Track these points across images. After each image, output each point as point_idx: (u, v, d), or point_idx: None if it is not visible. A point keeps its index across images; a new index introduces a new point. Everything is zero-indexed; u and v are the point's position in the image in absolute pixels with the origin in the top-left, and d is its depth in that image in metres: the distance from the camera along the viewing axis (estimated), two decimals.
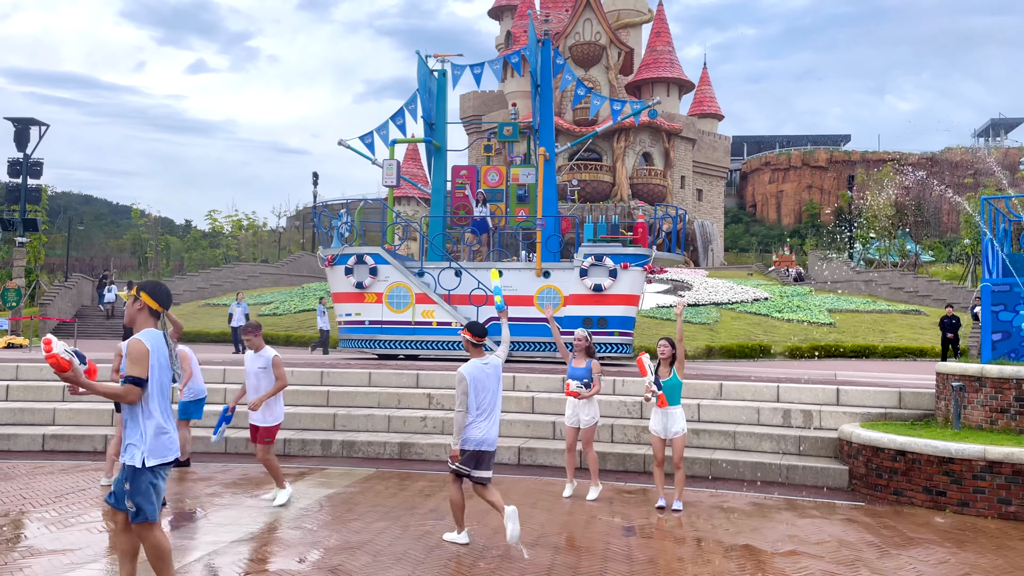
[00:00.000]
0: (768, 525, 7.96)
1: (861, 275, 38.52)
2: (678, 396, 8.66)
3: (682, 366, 8.69)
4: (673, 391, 8.61)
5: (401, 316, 17.81)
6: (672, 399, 8.60)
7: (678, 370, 8.65)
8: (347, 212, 18.50)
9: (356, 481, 9.92)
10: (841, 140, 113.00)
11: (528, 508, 8.52)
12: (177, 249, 62.29)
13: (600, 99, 20.26)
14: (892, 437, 9.39)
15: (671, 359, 8.65)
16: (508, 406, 12.69)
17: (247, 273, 41.31)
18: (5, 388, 13.29)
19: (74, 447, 11.85)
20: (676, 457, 8.55)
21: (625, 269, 17.30)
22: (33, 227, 28.53)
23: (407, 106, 19.76)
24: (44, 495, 8.89)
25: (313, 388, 13.54)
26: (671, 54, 61.21)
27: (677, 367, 8.65)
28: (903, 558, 6.82)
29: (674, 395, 8.62)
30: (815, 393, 12.18)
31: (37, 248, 38.46)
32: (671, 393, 8.60)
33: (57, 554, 6.60)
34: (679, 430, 8.55)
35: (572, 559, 6.68)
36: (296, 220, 66.68)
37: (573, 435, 9.28)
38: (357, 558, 6.61)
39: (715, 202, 67.24)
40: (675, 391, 8.63)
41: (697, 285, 35.03)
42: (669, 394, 8.57)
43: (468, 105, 63.55)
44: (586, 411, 9.15)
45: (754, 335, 27.45)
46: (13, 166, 27.89)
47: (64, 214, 66.87)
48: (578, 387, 9.07)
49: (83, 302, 35.30)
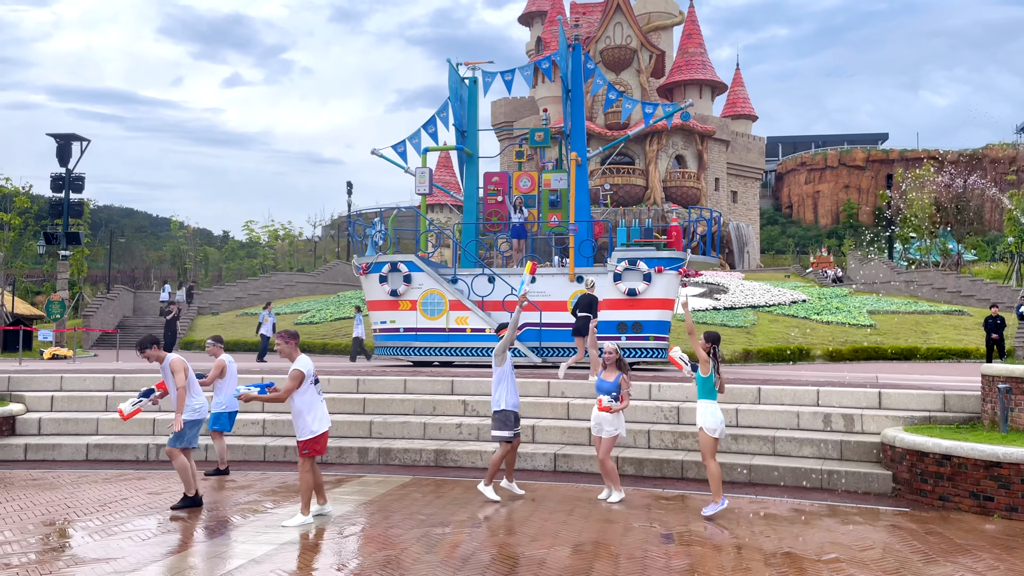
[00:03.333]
0: (809, 532, 7.81)
1: (902, 275, 37.80)
2: (700, 391, 8.72)
3: (703, 363, 8.63)
4: (697, 385, 8.74)
5: (435, 323, 17.86)
6: (698, 392, 8.75)
7: (700, 366, 8.65)
8: (381, 221, 18.62)
9: (393, 489, 9.95)
10: (878, 139, 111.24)
11: (565, 515, 8.47)
12: (215, 260, 63.25)
13: (632, 102, 20.14)
14: (937, 441, 9.16)
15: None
16: (543, 412, 12.67)
17: (283, 282, 41.78)
18: (50, 399, 13.56)
19: (117, 456, 12.05)
20: (701, 451, 8.61)
21: (659, 273, 17.16)
22: (76, 240, 29.15)
23: (439, 114, 19.85)
24: (88, 504, 9.04)
25: (349, 396, 13.62)
26: (703, 56, 60.75)
27: (700, 364, 8.65)
28: (951, 566, 6.64)
29: (698, 389, 8.75)
30: (856, 397, 11.96)
31: (80, 261, 39.28)
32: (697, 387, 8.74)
33: (101, 562, 6.70)
34: (697, 424, 8.67)
35: (610, 567, 6.61)
36: (331, 229, 67.36)
37: (598, 443, 9.28)
38: (393, 568, 6.61)
39: (750, 204, 66.50)
40: (697, 386, 8.74)
41: (733, 288, 34.65)
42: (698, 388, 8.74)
43: (499, 111, 63.66)
44: (609, 423, 9.13)
45: (792, 338, 27.05)
46: (56, 181, 28.52)
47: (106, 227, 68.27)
48: (609, 402, 9.05)
49: (124, 313, 35.99)
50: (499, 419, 9.35)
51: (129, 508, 8.84)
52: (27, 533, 7.72)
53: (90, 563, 6.68)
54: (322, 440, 8.21)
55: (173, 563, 6.67)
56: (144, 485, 10.18)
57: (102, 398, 13.64)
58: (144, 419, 12.80)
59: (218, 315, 36.39)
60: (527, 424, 12.15)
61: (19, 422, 12.84)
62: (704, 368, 8.60)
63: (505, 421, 9.30)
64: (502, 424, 9.31)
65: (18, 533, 7.70)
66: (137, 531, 7.78)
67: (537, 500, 9.28)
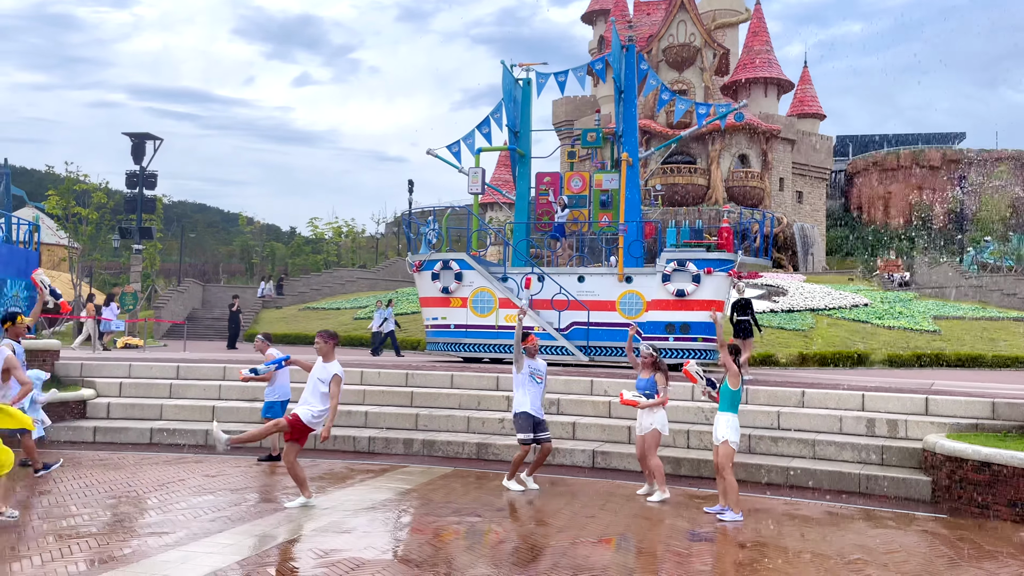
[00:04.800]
0: (838, 534, 7.87)
1: (970, 280, 36.66)
2: (725, 403, 8.62)
3: (733, 376, 8.56)
4: (721, 397, 8.67)
5: (485, 320, 18.21)
6: (720, 405, 8.66)
7: (729, 379, 8.59)
8: (435, 219, 19.07)
9: (434, 479, 10.31)
10: (955, 138, 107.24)
11: (597, 509, 8.69)
12: (282, 255, 64.96)
13: (685, 103, 20.18)
14: (976, 448, 9.07)
15: (723, 366, 8.67)
16: (584, 410, 12.88)
17: (345, 278, 42.75)
18: (119, 385, 14.36)
19: (178, 440, 12.73)
20: (719, 465, 8.54)
21: (709, 274, 17.16)
22: (148, 235, 30.49)
23: (493, 115, 20.19)
24: (149, 483, 9.64)
25: (398, 389, 14.06)
26: (769, 53, 59.85)
27: (728, 376, 8.59)
28: (974, 571, 6.64)
29: (721, 401, 8.66)
30: (903, 402, 11.83)
31: (152, 255, 40.93)
32: (721, 401, 8.67)
33: (157, 535, 7.21)
34: (720, 437, 8.53)
35: (630, 558, 6.81)
36: (393, 226, 68.55)
37: (640, 442, 9.43)
38: (425, 548, 6.94)
39: (816, 204, 65.24)
40: (723, 397, 8.65)
41: (793, 290, 34.13)
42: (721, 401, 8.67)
43: (560, 110, 63.79)
44: (645, 418, 9.27)
45: (851, 342, 26.57)
46: (130, 178, 29.89)
47: (179, 222, 70.80)
48: (634, 396, 9.21)
49: (194, 305, 37.38)
50: (517, 422, 9.73)
51: (186, 488, 9.40)
52: (93, 507, 8.31)
53: (147, 535, 7.20)
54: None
55: (220, 539, 7.13)
56: (201, 468, 10.77)
57: (166, 386, 14.38)
58: (204, 406, 13.47)
59: (282, 309, 37.49)
60: (567, 421, 12.40)
61: (90, 406, 13.64)
62: (734, 381, 8.58)
63: (522, 424, 9.63)
64: (520, 427, 9.68)
65: (86, 507, 8.31)
66: (192, 508, 8.30)
67: (573, 494, 9.52)
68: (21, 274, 15.38)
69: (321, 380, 8.45)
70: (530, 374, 9.77)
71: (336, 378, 8.37)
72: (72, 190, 36.47)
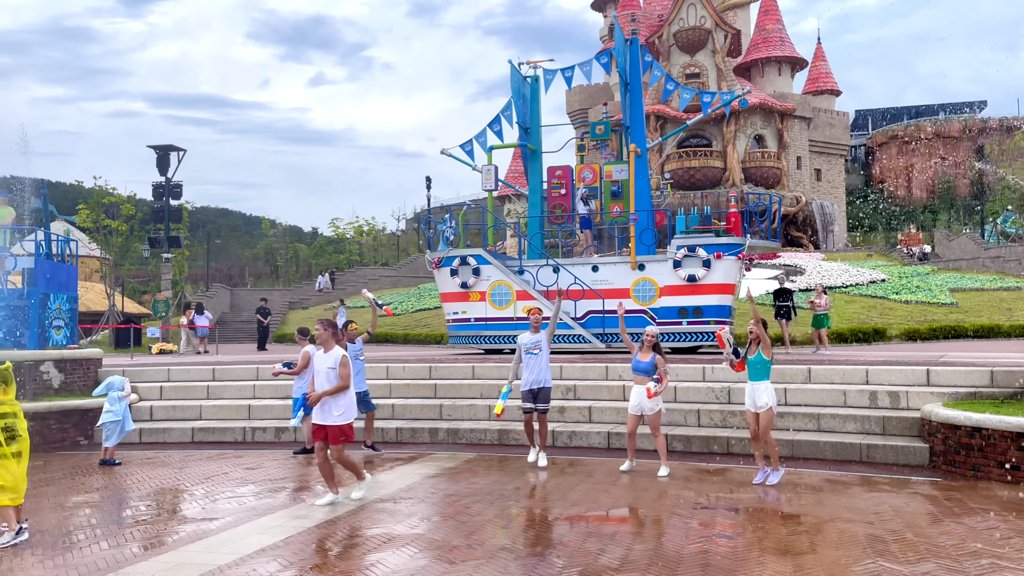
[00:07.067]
0: (832, 498, 8.44)
1: (989, 251, 36.71)
2: (762, 373, 9.37)
3: (767, 347, 9.35)
4: (755, 368, 9.40)
5: (504, 312, 18.87)
6: (755, 375, 9.38)
7: (763, 350, 9.33)
8: (451, 217, 19.74)
9: (459, 463, 11.01)
10: (976, 106, 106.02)
11: (609, 485, 9.34)
12: (305, 256, 66.13)
13: (690, 92, 20.60)
14: (968, 415, 9.58)
15: (757, 340, 9.37)
16: (600, 394, 13.50)
17: (368, 276, 43.64)
18: (159, 389, 15.21)
19: (218, 438, 13.54)
20: (762, 430, 9.27)
21: (719, 259, 17.67)
22: (176, 244, 31.46)
23: (503, 112, 20.80)
24: (195, 477, 10.42)
25: (422, 381, 14.77)
26: (781, 32, 59.78)
27: (762, 348, 9.34)
28: (952, 525, 7.20)
29: (757, 371, 9.39)
30: (904, 374, 12.32)
31: (181, 262, 42.06)
32: (753, 369, 9.39)
33: (206, 521, 7.96)
34: (763, 404, 9.28)
35: (638, 526, 7.44)
36: (413, 223, 69.44)
37: (635, 422, 10.12)
38: (451, 524, 7.62)
39: (835, 181, 65.03)
40: (758, 368, 9.39)
41: (811, 269, 34.42)
42: (752, 370, 9.40)
43: (574, 99, 64.08)
44: (651, 400, 9.90)
45: (868, 318, 26.90)
46: (157, 189, 30.84)
47: (203, 228, 72.20)
48: (652, 386, 9.84)
49: (223, 309, 38.43)
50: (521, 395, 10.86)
51: (229, 480, 10.16)
52: (147, 499, 9.11)
53: (198, 521, 7.96)
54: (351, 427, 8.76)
55: (264, 521, 7.86)
56: (242, 462, 11.54)
57: (204, 387, 15.21)
58: (240, 405, 14.27)
59: (308, 309, 38.43)
60: (584, 405, 13.05)
61: (134, 409, 14.46)
62: (767, 351, 9.35)
63: (524, 397, 10.71)
64: (522, 399, 10.80)
65: (140, 499, 9.10)
66: (236, 498, 9.06)
67: (588, 473, 10.16)
68: (63, 288, 16.24)
69: (331, 368, 8.48)
70: (526, 351, 10.63)
71: (345, 359, 8.48)
72: (101, 203, 37.58)
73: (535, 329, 10.81)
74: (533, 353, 10.61)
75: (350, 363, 8.60)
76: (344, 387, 8.50)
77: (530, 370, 10.59)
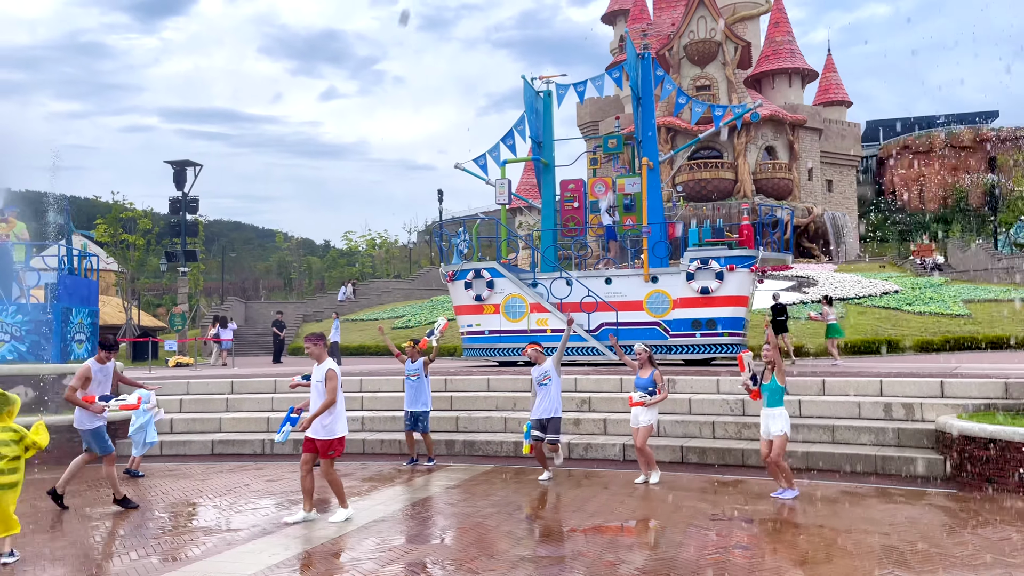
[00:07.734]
0: (847, 510, 8.51)
1: (1002, 262, 36.60)
2: (777, 400, 9.36)
3: (781, 373, 9.36)
4: (771, 394, 9.38)
5: (517, 325, 19.01)
6: (770, 401, 9.37)
7: (778, 376, 9.34)
8: (465, 230, 19.93)
9: (476, 475, 11.13)
10: (987, 116, 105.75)
11: (625, 496, 9.44)
12: (318, 269, 66.51)
13: (701, 106, 20.76)
14: (983, 426, 9.63)
15: (772, 365, 9.36)
16: (615, 406, 13.60)
17: (380, 289, 43.89)
18: (179, 401, 15.40)
19: (237, 451, 13.70)
20: (774, 455, 9.29)
21: (732, 271, 17.77)
22: (193, 257, 31.83)
23: (516, 127, 21.02)
24: (216, 489, 10.58)
25: (438, 393, 14.88)
26: (791, 43, 59.92)
27: (776, 374, 9.34)
28: (967, 535, 7.27)
29: (771, 398, 9.37)
30: (919, 386, 12.38)
31: (196, 276, 42.41)
32: (769, 396, 9.37)
33: (228, 532, 8.11)
34: (777, 431, 9.28)
35: (654, 536, 7.54)
36: (425, 235, 69.79)
37: (635, 433, 10.26)
38: (469, 535, 7.74)
39: (847, 192, 65.00)
40: (772, 395, 9.37)
41: (823, 280, 34.42)
42: (767, 397, 9.38)
43: (585, 112, 64.40)
44: (645, 415, 10.09)
45: (881, 330, 26.88)
46: (174, 204, 31.24)
47: (218, 241, 72.73)
48: (641, 397, 9.98)
49: (238, 322, 38.69)
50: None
51: (250, 492, 10.32)
52: (171, 509, 9.27)
53: (222, 532, 8.11)
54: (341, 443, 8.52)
55: (287, 530, 8.00)
56: (262, 474, 11.70)
57: (223, 400, 15.39)
58: (258, 418, 14.44)
59: (322, 321, 38.66)
60: (599, 418, 13.15)
61: (157, 423, 14.65)
62: (782, 378, 9.36)
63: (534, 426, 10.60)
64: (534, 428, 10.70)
65: (164, 510, 9.27)
66: (257, 509, 9.21)
67: (604, 485, 10.26)
68: (85, 302, 16.48)
69: (319, 381, 8.34)
70: (537, 384, 10.63)
71: (330, 372, 8.24)
72: (119, 218, 38.04)
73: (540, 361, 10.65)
74: (544, 384, 10.63)
75: (337, 376, 8.28)
76: (331, 402, 8.20)
77: (540, 400, 10.63)
